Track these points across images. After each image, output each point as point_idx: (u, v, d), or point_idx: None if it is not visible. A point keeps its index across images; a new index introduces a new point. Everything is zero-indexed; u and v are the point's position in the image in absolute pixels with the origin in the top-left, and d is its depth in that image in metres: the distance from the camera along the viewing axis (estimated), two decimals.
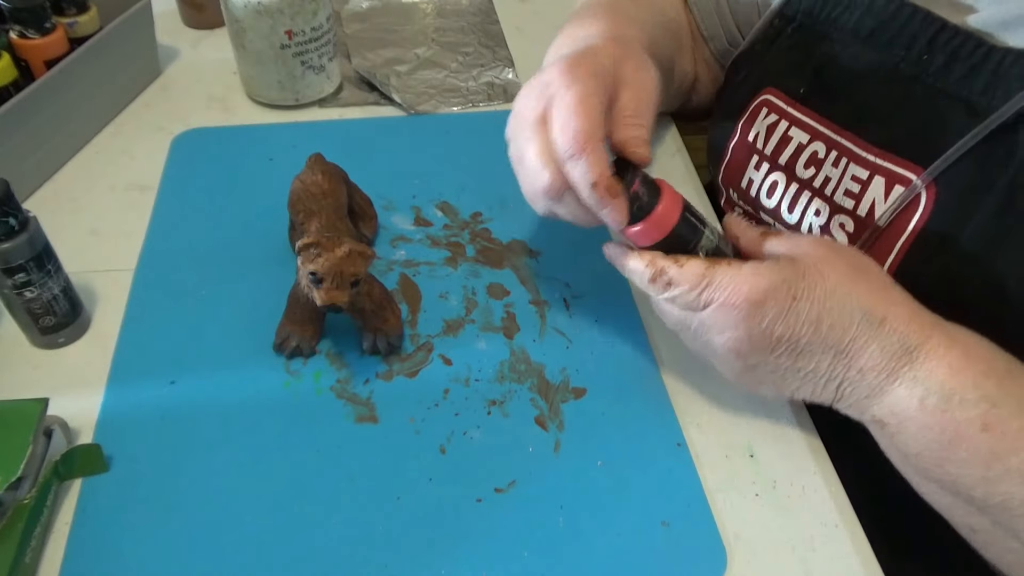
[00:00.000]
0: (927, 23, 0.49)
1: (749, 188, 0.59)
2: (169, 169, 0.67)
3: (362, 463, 0.48)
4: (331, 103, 0.75)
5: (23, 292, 0.49)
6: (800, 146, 0.55)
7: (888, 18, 0.51)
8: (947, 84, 0.48)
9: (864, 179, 0.51)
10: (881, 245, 0.49)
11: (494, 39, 0.83)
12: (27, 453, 0.42)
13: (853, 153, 0.52)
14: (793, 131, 0.56)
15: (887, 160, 0.50)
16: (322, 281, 0.46)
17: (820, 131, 0.54)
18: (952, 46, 0.48)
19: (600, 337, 0.55)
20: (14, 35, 0.65)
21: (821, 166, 0.54)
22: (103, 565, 0.43)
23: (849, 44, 0.53)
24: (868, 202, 0.50)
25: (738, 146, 0.60)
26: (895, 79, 0.50)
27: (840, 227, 0.52)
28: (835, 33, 0.54)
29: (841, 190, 0.52)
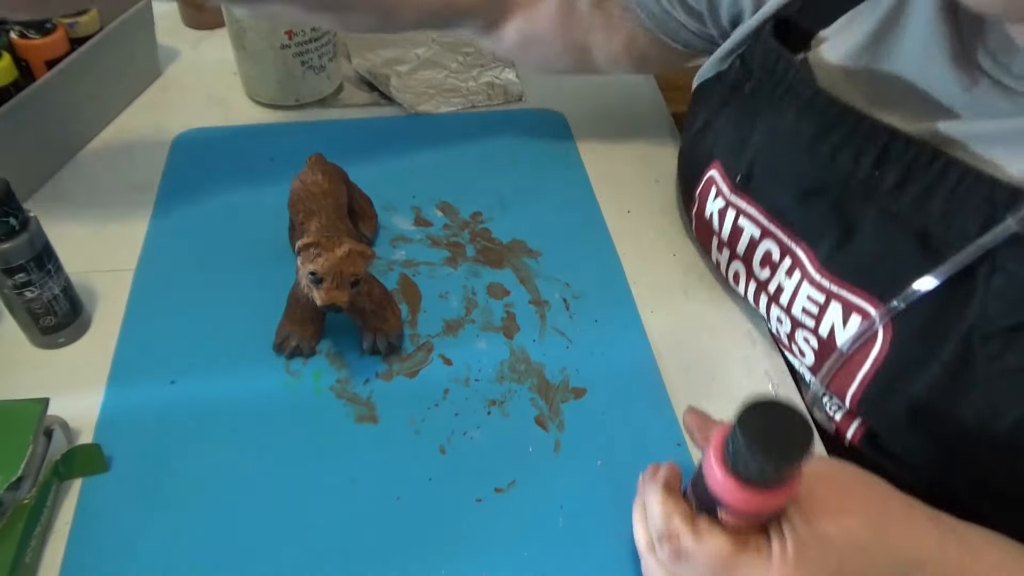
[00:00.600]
0: (875, 133, 0.43)
1: (719, 266, 0.57)
2: (169, 169, 0.67)
3: (362, 463, 0.48)
4: (331, 103, 0.75)
5: (23, 292, 0.49)
6: (753, 241, 0.52)
7: (830, 124, 0.45)
8: (901, 207, 0.43)
9: (821, 303, 0.47)
10: (845, 370, 0.47)
11: None
12: (27, 453, 0.42)
13: (807, 273, 0.48)
14: (743, 222, 0.52)
15: (843, 288, 0.46)
16: (322, 281, 0.46)
17: (769, 229, 0.50)
18: (905, 161, 0.42)
19: (600, 337, 0.55)
20: (14, 35, 0.65)
21: (776, 270, 0.50)
22: (103, 565, 0.43)
23: (790, 146, 0.48)
24: (828, 325, 0.47)
25: (698, 217, 0.57)
26: (844, 197, 0.45)
27: (805, 341, 0.50)
28: (778, 125, 0.49)
29: (798, 306, 0.49)
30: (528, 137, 0.72)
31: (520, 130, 0.73)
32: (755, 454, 0.33)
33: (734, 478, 0.35)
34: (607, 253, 0.62)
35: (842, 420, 0.50)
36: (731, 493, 0.35)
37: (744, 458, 0.33)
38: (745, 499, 0.35)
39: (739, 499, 0.35)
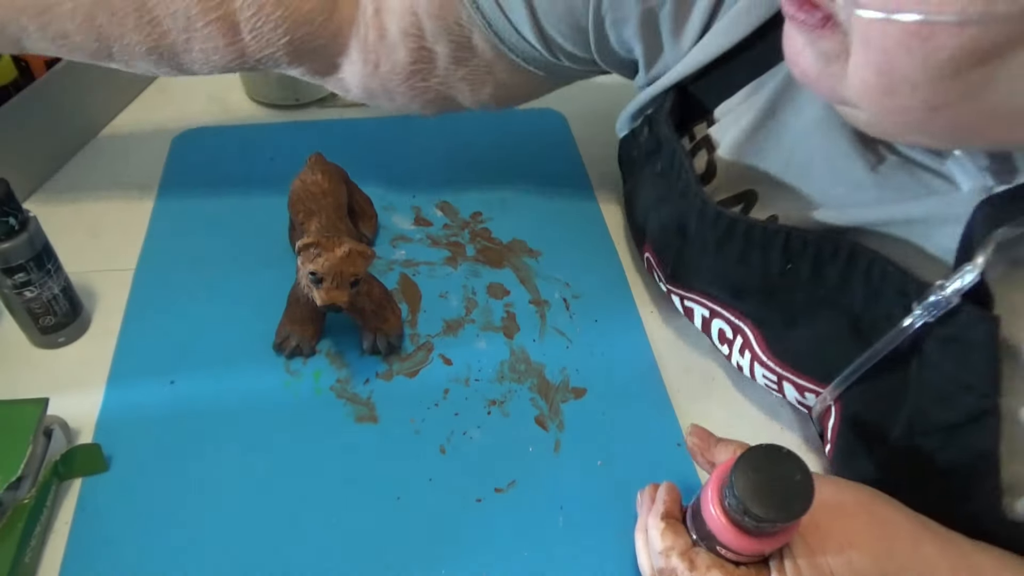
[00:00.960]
0: (771, 234, 0.43)
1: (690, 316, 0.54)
2: (169, 169, 0.67)
3: (362, 463, 0.48)
4: (331, 103, 0.75)
5: (23, 292, 0.49)
6: (705, 319, 0.51)
7: (726, 232, 0.45)
8: (827, 291, 0.42)
9: (775, 382, 0.48)
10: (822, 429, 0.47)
11: None
12: (27, 453, 0.42)
13: (757, 355, 0.48)
14: (690, 304, 0.51)
15: (789, 372, 0.46)
16: (322, 281, 0.46)
17: (717, 311, 0.50)
18: (810, 255, 0.42)
19: (600, 337, 0.55)
20: None
21: (732, 347, 0.50)
22: (103, 565, 0.43)
23: (703, 252, 0.47)
24: (792, 397, 0.48)
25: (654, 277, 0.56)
26: (771, 291, 0.45)
27: (790, 405, 0.50)
28: (689, 225, 0.47)
29: (760, 379, 0.49)
30: (528, 137, 0.72)
31: (520, 130, 0.73)
32: (752, 508, 0.33)
33: (732, 524, 0.35)
34: (607, 253, 0.62)
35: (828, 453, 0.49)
36: (730, 537, 0.35)
37: (741, 509, 0.33)
38: (743, 543, 0.35)
39: (737, 543, 0.35)
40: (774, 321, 0.46)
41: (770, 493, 0.33)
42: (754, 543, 0.35)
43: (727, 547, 0.36)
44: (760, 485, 0.33)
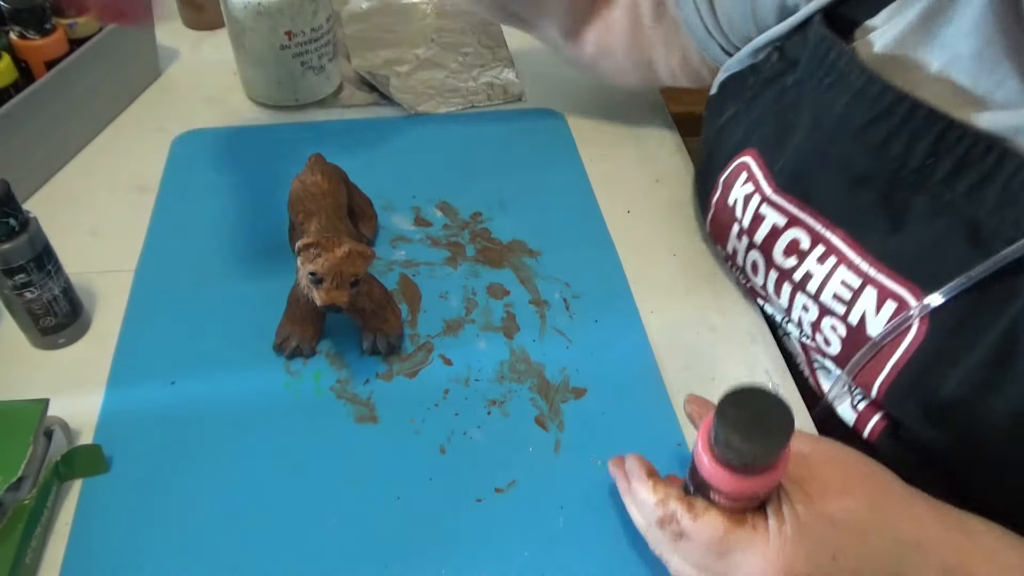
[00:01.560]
0: (931, 120, 0.42)
1: (735, 256, 0.55)
2: (169, 170, 0.67)
3: (362, 463, 0.48)
4: (331, 103, 0.75)
5: (23, 293, 0.49)
6: (775, 229, 0.50)
7: (884, 111, 0.44)
8: (953, 196, 0.42)
9: (855, 287, 0.46)
10: (875, 360, 0.46)
11: (494, 39, 0.83)
12: (27, 454, 0.42)
13: (844, 256, 0.47)
14: (766, 210, 0.51)
15: (881, 272, 0.45)
16: (322, 281, 0.46)
17: (800, 217, 0.49)
18: (960, 150, 0.41)
19: (600, 337, 0.55)
20: (14, 36, 0.65)
21: (804, 258, 0.49)
22: (103, 565, 0.43)
23: (838, 136, 0.47)
24: (859, 312, 0.46)
25: (720, 204, 0.56)
26: (895, 186, 0.44)
27: (832, 329, 0.48)
28: (825, 115, 0.48)
29: (829, 292, 0.48)
30: (528, 137, 0.72)
31: (520, 130, 0.73)
32: (736, 441, 0.34)
33: (721, 464, 0.36)
34: (607, 253, 0.62)
35: (864, 411, 0.49)
36: (720, 478, 0.36)
37: (726, 445, 0.35)
38: (733, 483, 0.36)
39: (728, 483, 0.36)
40: (881, 223, 0.45)
41: (751, 427, 0.35)
42: (744, 482, 0.36)
43: (720, 491, 0.37)
44: (742, 420, 0.35)
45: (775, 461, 0.35)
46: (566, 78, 0.78)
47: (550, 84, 0.78)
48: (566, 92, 0.77)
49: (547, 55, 0.82)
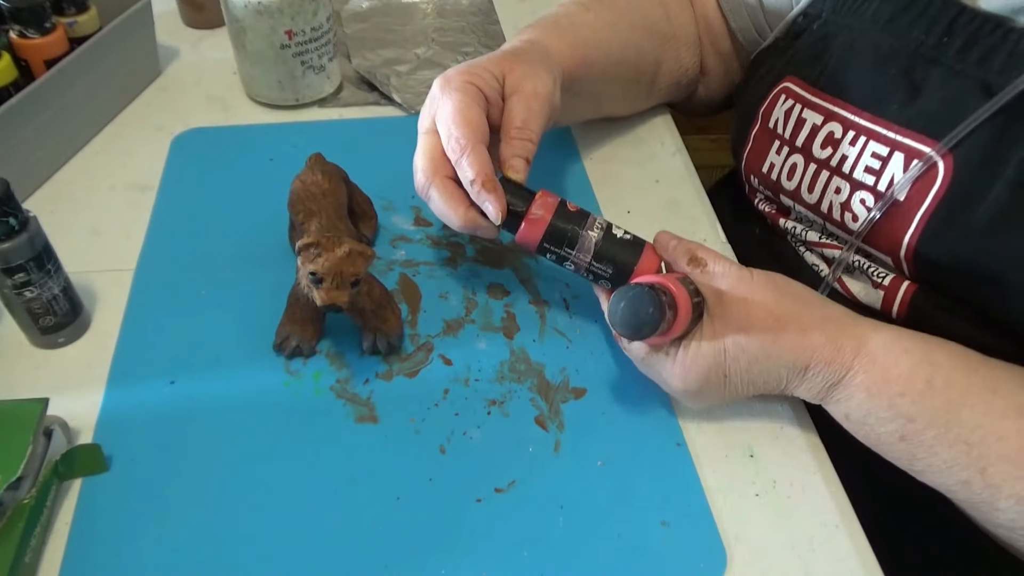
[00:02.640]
0: (946, 8, 0.50)
1: (770, 172, 0.60)
2: (169, 169, 0.67)
3: (362, 463, 0.48)
4: (331, 103, 0.75)
5: (23, 292, 0.49)
6: (815, 127, 0.56)
7: (907, 4, 0.52)
8: (966, 65, 0.49)
9: (884, 155, 0.52)
10: (900, 218, 0.51)
11: (494, 39, 0.83)
12: (27, 453, 0.42)
13: (872, 131, 0.53)
14: (806, 113, 0.57)
15: (906, 136, 0.51)
16: (322, 281, 0.46)
17: (835, 112, 0.55)
18: (970, 29, 0.49)
19: (600, 337, 0.55)
20: (14, 35, 0.65)
21: (838, 146, 0.55)
22: (103, 565, 0.43)
23: (868, 31, 0.54)
24: (888, 177, 0.52)
25: (759, 133, 0.61)
26: (914, 62, 0.51)
27: (861, 203, 0.53)
28: (856, 24, 0.55)
29: (861, 167, 0.53)
30: None
31: None
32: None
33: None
34: None
35: (891, 285, 0.54)
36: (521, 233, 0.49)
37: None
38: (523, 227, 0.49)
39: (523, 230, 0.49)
40: (900, 95, 0.52)
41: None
42: None
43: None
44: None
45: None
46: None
47: None
48: None
49: None
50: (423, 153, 0.52)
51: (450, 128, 0.49)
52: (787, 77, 0.59)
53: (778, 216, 0.63)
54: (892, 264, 0.53)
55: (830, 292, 0.58)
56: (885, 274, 0.54)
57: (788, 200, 0.60)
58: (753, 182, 0.63)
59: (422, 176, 0.51)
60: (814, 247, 0.60)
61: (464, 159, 0.49)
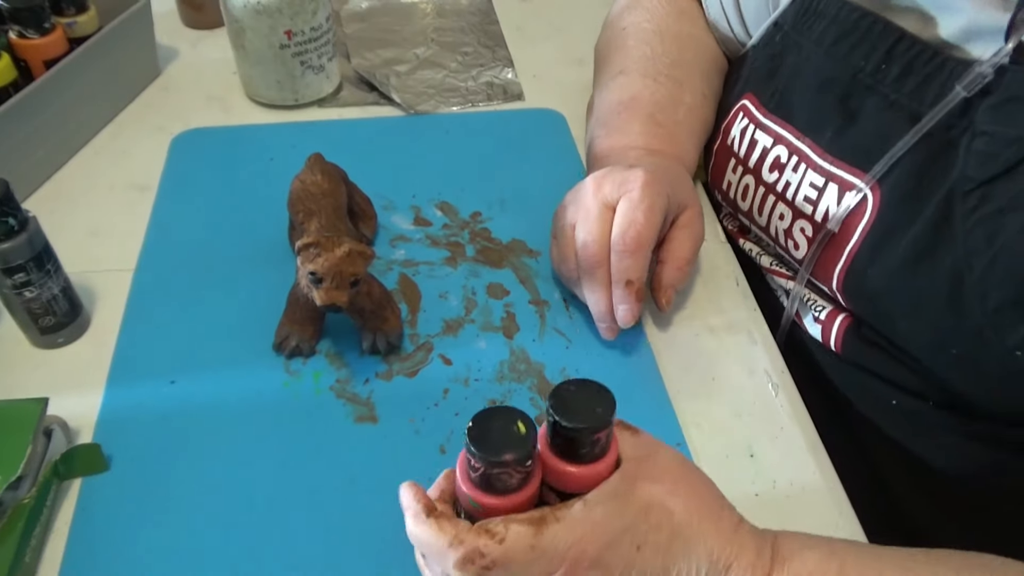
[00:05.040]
0: (886, 33, 0.49)
1: (728, 190, 0.61)
2: (169, 169, 0.67)
3: (362, 463, 0.48)
4: (330, 103, 0.75)
5: (23, 292, 0.49)
6: (764, 150, 0.56)
7: (850, 28, 0.51)
8: (900, 95, 0.48)
9: (820, 186, 0.52)
10: (834, 249, 0.51)
11: (494, 39, 0.83)
12: (27, 453, 0.42)
13: (810, 160, 0.53)
14: (758, 135, 0.57)
15: (838, 167, 0.51)
16: (322, 281, 0.46)
17: (782, 135, 0.55)
18: (908, 57, 0.48)
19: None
20: (13, 35, 0.65)
21: (783, 171, 0.55)
22: (103, 565, 0.43)
23: (813, 53, 0.54)
24: (824, 208, 0.52)
25: (720, 149, 0.61)
26: (852, 89, 0.51)
27: (801, 231, 0.54)
28: (805, 43, 0.55)
29: (801, 195, 0.53)
30: (528, 137, 0.72)
31: (520, 130, 0.73)
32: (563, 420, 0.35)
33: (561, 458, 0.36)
34: None
35: (827, 319, 0.54)
36: (564, 474, 0.36)
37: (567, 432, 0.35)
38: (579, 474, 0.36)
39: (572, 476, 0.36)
40: (837, 122, 0.52)
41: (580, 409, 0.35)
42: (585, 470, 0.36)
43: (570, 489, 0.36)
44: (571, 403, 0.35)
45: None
46: (566, 78, 0.78)
47: (550, 84, 0.78)
48: (566, 92, 0.77)
49: (547, 55, 0.82)
50: (605, 228, 0.51)
51: (637, 217, 0.49)
52: (745, 94, 0.59)
53: (739, 235, 0.64)
54: (829, 295, 0.54)
55: (791, 324, 0.58)
56: (823, 307, 0.55)
57: (745, 220, 0.60)
58: (716, 197, 0.64)
59: (598, 250, 0.50)
60: (768, 273, 0.60)
61: (635, 258, 0.49)
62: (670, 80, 0.62)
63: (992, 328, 0.44)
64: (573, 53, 0.82)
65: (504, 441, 0.35)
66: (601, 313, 0.52)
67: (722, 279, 0.60)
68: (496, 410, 0.36)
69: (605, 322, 0.52)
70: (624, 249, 0.49)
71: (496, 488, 0.36)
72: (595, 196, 0.52)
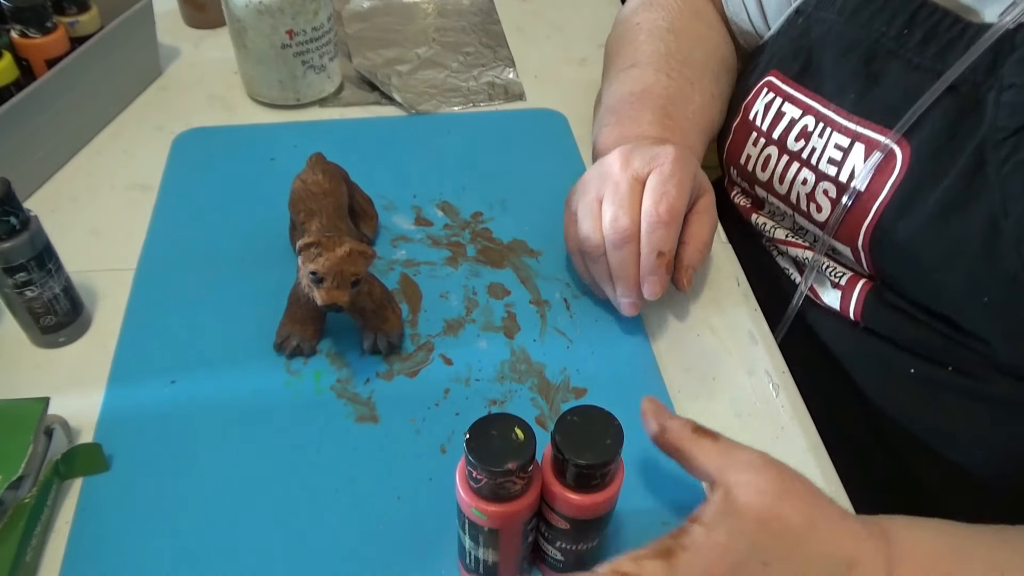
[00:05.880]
0: (908, 1, 0.51)
1: (747, 164, 0.62)
2: (170, 169, 0.67)
3: (362, 463, 0.48)
4: (332, 103, 0.75)
5: (24, 291, 0.49)
6: (792, 121, 0.57)
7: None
8: (924, 59, 0.50)
9: (845, 147, 0.53)
10: (860, 208, 0.52)
11: (495, 39, 0.83)
12: (28, 452, 0.42)
13: (835, 122, 0.54)
14: (786, 107, 0.58)
15: (864, 127, 0.52)
16: (323, 281, 0.46)
17: (810, 105, 0.56)
18: (930, 23, 0.50)
19: (600, 337, 0.55)
20: (15, 34, 0.65)
21: (809, 138, 0.56)
22: (103, 564, 0.43)
23: (836, 23, 0.56)
24: (849, 168, 0.53)
25: (739, 125, 0.62)
26: (875, 54, 0.53)
27: (824, 193, 0.55)
28: (828, 16, 0.56)
29: (825, 158, 0.55)
30: (528, 137, 0.72)
31: (520, 130, 0.73)
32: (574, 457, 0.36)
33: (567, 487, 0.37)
34: None
35: (847, 284, 0.55)
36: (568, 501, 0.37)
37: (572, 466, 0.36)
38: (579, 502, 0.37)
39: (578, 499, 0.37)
40: (860, 85, 0.53)
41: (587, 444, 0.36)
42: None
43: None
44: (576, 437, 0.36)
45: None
46: (567, 78, 0.78)
47: (551, 84, 0.78)
48: (567, 92, 0.77)
49: (548, 55, 0.82)
50: (636, 201, 0.50)
51: (669, 190, 0.49)
52: (771, 71, 0.60)
53: (752, 210, 0.64)
54: (852, 257, 0.54)
55: (804, 299, 0.59)
56: (843, 273, 0.56)
57: (762, 192, 0.61)
58: (732, 173, 0.64)
59: (629, 223, 0.50)
60: (782, 245, 0.61)
61: (668, 229, 0.49)
62: (682, 78, 0.62)
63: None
64: (574, 53, 0.82)
65: (504, 450, 0.35)
66: (627, 288, 0.51)
67: (723, 279, 0.60)
68: (492, 418, 0.36)
69: (630, 296, 0.52)
70: (657, 220, 0.49)
71: (499, 496, 0.36)
72: (624, 170, 0.51)
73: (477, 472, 0.35)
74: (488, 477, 0.35)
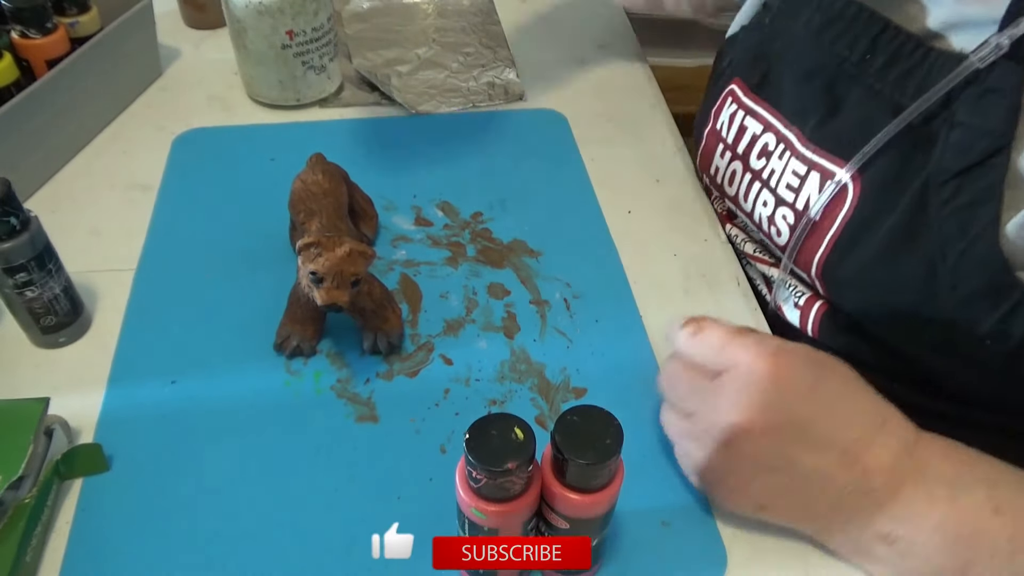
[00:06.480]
0: (872, 23, 0.50)
1: (716, 175, 0.61)
2: (170, 169, 0.67)
3: (362, 463, 0.48)
4: (332, 103, 0.75)
5: (24, 292, 0.49)
6: (754, 137, 0.57)
7: (836, 16, 0.52)
8: (884, 86, 0.49)
9: (802, 174, 0.53)
10: (815, 237, 0.52)
11: (495, 39, 0.83)
12: (28, 452, 0.42)
13: (794, 147, 0.54)
14: (748, 121, 0.58)
15: (820, 156, 0.52)
16: (322, 281, 0.46)
17: (771, 123, 0.56)
18: (893, 47, 0.48)
19: (600, 337, 0.55)
20: (15, 35, 0.65)
21: (770, 158, 0.56)
22: (103, 564, 0.43)
23: (799, 40, 0.54)
24: (805, 196, 0.52)
25: (709, 133, 0.62)
26: (837, 78, 0.52)
27: (783, 219, 0.55)
28: (793, 27, 0.55)
29: (784, 183, 0.54)
30: (528, 137, 0.72)
31: (520, 130, 0.73)
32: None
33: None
34: (607, 253, 0.62)
35: (805, 304, 0.55)
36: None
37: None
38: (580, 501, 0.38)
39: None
40: (821, 111, 0.52)
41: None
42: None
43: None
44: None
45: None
46: (567, 78, 0.79)
47: (551, 84, 0.78)
48: (567, 92, 0.77)
49: (548, 55, 0.82)
50: None
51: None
52: (734, 79, 0.60)
53: (726, 219, 0.65)
54: (809, 282, 0.54)
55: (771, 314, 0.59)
56: (802, 293, 0.56)
57: (731, 205, 0.61)
58: (705, 181, 0.65)
59: None
60: (751, 260, 0.61)
61: None
62: None
63: (963, 317, 0.44)
64: (575, 53, 0.82)
65: (504, 450, 0.35)
66: None
67: (723, 279, 0.60)
68: (491, 418, 0.36)
69: None
70: None
71: (499, 496, 0.36)
72: None
73: (477, 472, 0.35)
74: (488, 477, 0.35)
